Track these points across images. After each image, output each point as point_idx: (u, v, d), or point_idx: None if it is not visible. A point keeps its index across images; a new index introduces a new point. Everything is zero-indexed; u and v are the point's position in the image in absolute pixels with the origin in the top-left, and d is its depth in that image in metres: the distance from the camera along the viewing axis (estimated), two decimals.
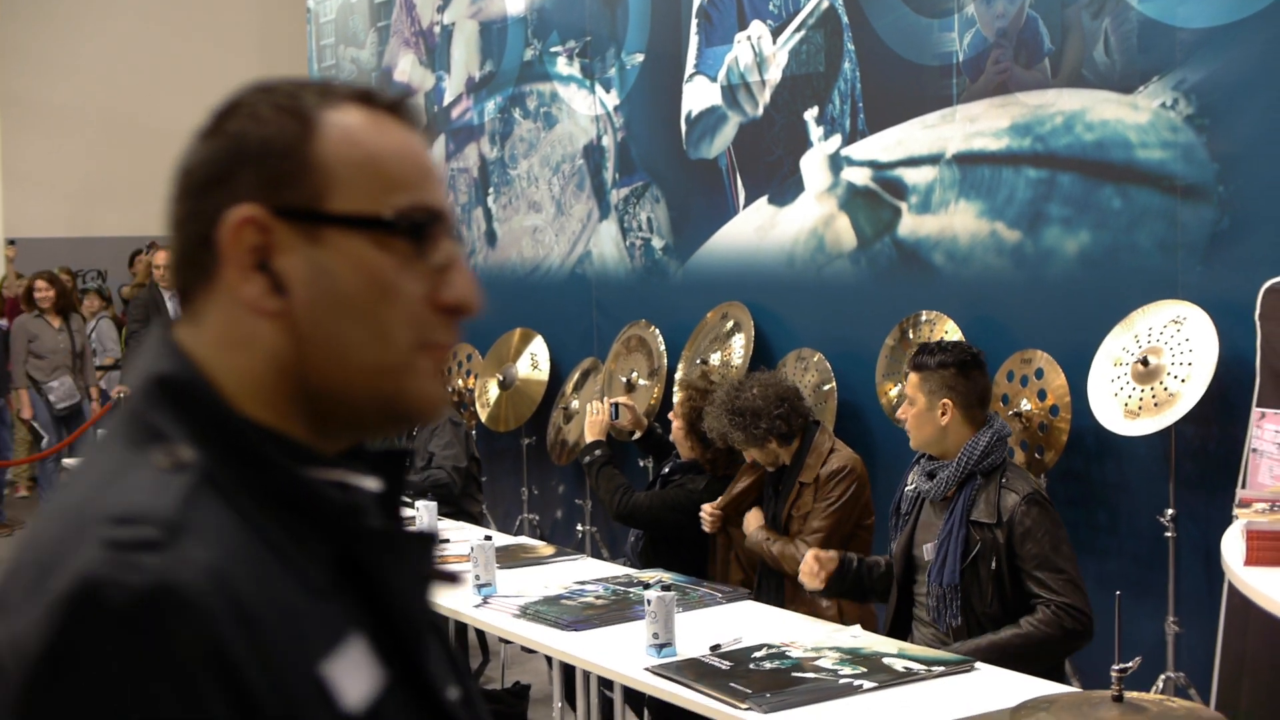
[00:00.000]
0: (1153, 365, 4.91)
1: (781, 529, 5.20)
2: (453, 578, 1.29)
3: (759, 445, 5.24)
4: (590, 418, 6.28)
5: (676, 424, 5.75)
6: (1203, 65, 5.02)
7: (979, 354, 4.48)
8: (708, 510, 5.47)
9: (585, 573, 5.24)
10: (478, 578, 4.95)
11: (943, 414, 4.34)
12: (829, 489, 5.10)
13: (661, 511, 5.72)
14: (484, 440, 8.22)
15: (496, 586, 4.92)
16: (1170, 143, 5.12)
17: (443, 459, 6.85)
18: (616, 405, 6.37)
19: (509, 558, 5.48)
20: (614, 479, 5.90)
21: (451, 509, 6.73)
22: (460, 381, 8.63)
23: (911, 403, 4.42)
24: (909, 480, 4.51)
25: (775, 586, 5.21)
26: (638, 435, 6.39)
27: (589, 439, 6.17)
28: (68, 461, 9.66)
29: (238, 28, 16.18)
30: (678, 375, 7.04)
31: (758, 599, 4.93)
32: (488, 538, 5.13)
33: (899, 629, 4.44)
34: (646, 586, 4.61)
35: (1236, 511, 3.94)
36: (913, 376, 4.44)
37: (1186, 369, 4.81)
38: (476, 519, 6.91)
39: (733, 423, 5.24)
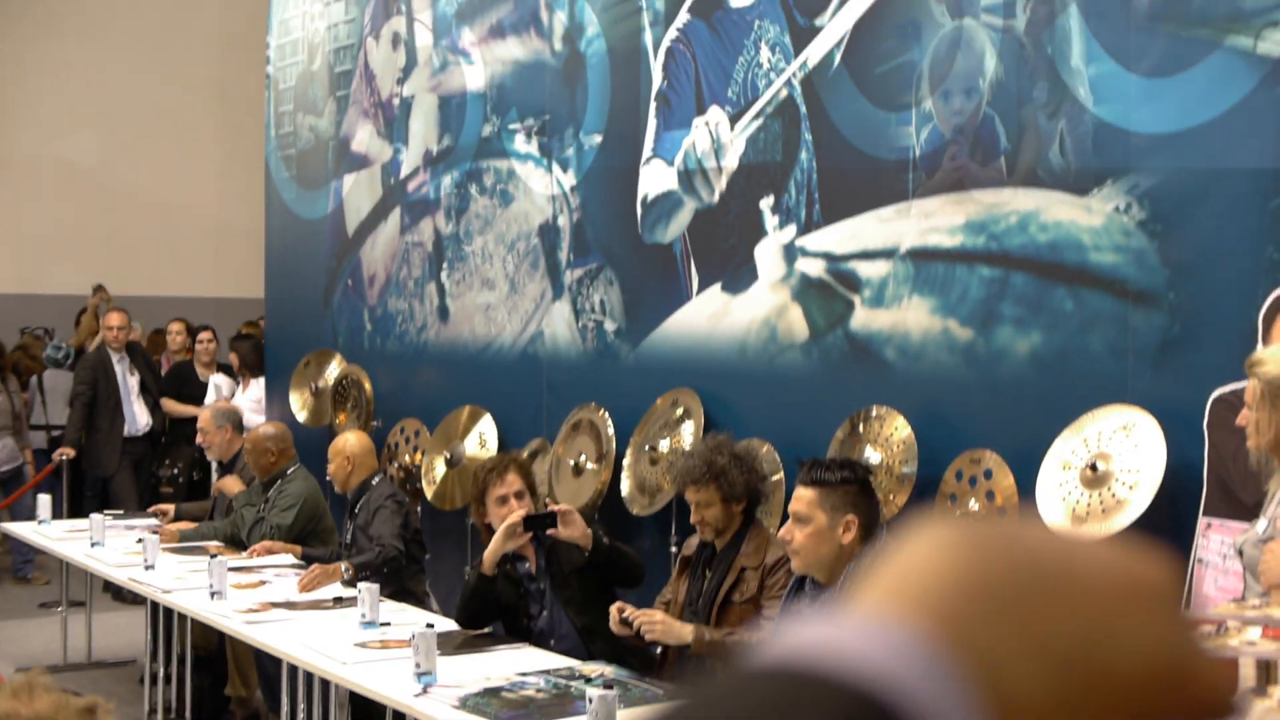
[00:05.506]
0: (1101, 471, 4.90)
1: (711, 612, 5.11)
2: None
3: (735, 501, 5.16)
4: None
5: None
6: (1156, 170, 5.04)
7: (873, 473, 4.45)
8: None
9: (528, 663, 5.18)
10: (418, 665, 4.90)
11: (845, 531, 4.29)
12: (776, 575, 5.05)
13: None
14: (429, 518, 8.15)
15: (437, 675, 4.86)
16: (1123, 246, 5.13)
17: (388, 534, 6.80)
18: (538, 517, 5.64)
19: (449, 643, 5.42)
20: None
21: (394, 588, 6.66)
22: (407, 458, 8.56)
23: (805, 520, 4.34)
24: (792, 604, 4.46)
25: (698, 677, 5.13)
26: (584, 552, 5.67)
27: (490, 549, 5.63)
28: (5, 525, 9.52)
29: (196, 88, 16.16)
30: (625, 461, 7.01)
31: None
32: (430, 625, 5.08)
33: None
34: (588, 681, 4.56)
35: None
36: (807, 493, 4.35)
37: (1135, 476, 4.80)
38: (420, 599, 6.84)
39: (738, 464, 5.16)
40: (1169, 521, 4.89)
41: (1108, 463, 4.89)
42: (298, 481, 7.72)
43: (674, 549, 6.49)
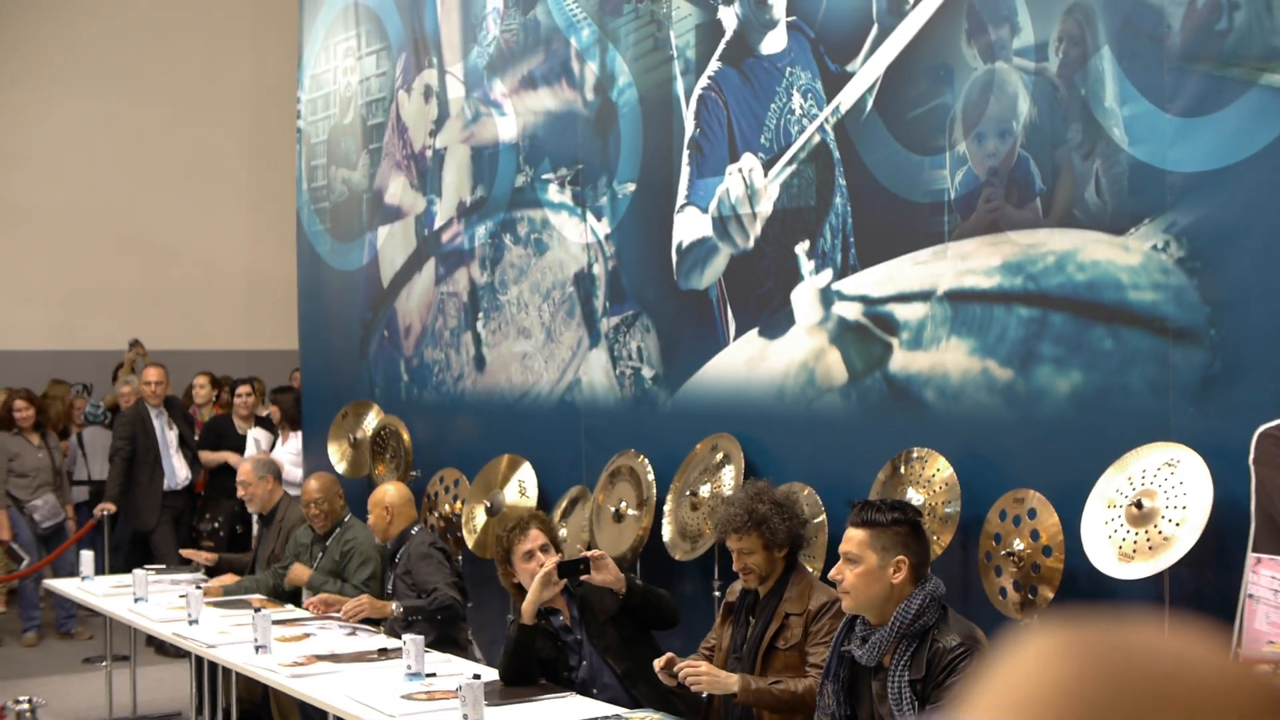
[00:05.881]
0: (1147, 508, 4.90)
1: (756, 659, 5.12)
2: None
3: (778, 547, 5.17)
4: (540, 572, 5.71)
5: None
6: (1194, 209, 5.06)
7: (922, 514, 4.48)
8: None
9: (574, 712, 5.19)
10: (465, 716, 4.92)
11: (895, 572, 4.31)
12: (821, 622, 5.05)
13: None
14: (469, 566, 8.17)
15: None
16: (1162, 285, 5.15)
17: (441, 582, 6.84)
18: (572, 563, 5.64)
19: (495, 694, 5.43)
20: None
21: (436, 635, 6.69)
22: (447, 507, 8.59)
23: (857, 561, 4.36)
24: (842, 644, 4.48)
25: None
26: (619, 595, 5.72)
27: (529, 600, 5.67)
28: (49, 582, 9.57)
29: (228, 144, 16.27)
30: (665, 507, 7.02)
31: None
32: (476, 676, 5.09)
33: None
34: None
35: None
36: (859, 534, 4.38)
37: (1181, 513, 4.80)
38: (463, 647, 6.87)
39: (779, 511, 5.17)
40: (1216, 557, 4.89)
41: (1153, 500, 4.89)
42: (357, 531, 7.77)
43: (716, 593, 6.50)
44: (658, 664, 5.08)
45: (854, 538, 4.38)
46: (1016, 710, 0.66)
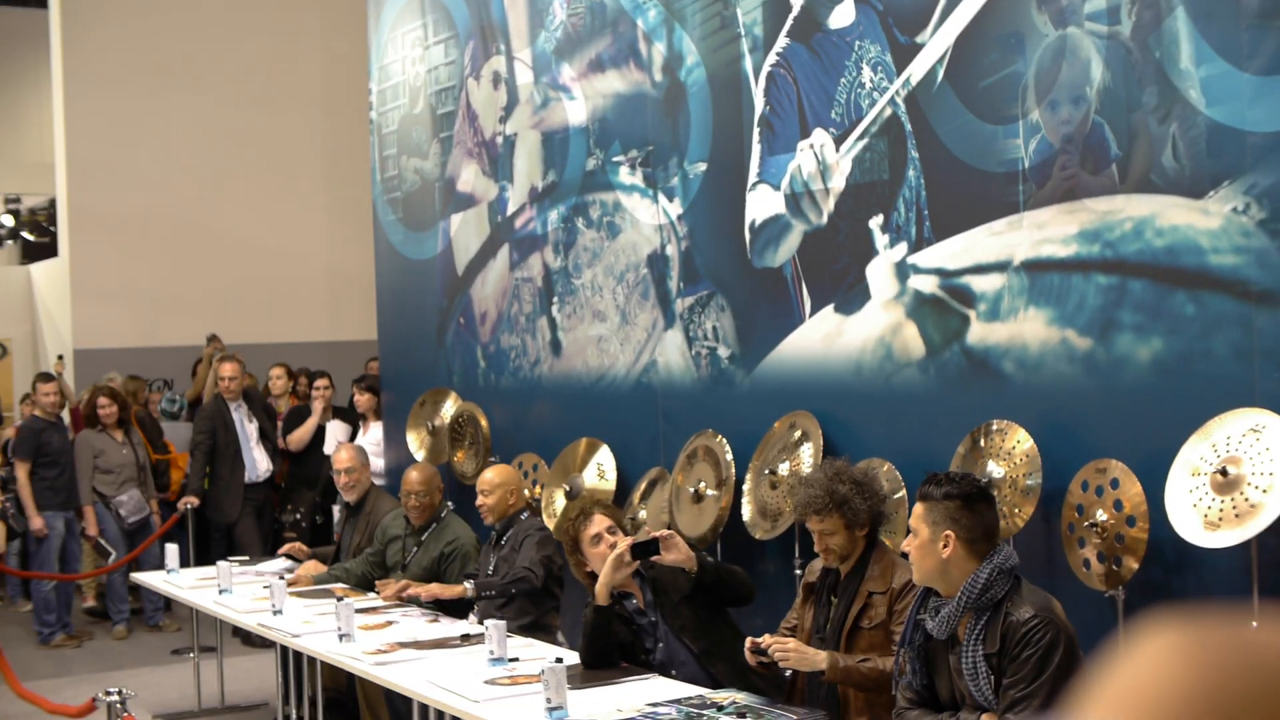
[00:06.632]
0: (1232, 475, 4.82)
1: (840, 639, 5.07)
2: None
3: (859, 527, 5.13)
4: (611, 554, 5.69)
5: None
6: (1274, 169, 4.96)
7: (987, 486, 4.42)
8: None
9: (657, 693, 5.17)
10: (549, 700, 4.91)
11: (944, 546, 4.26)
12: (905, 599, 5.00)
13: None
14: None
15: (569, 709, 4.87)
16: (1243, 248, 5.06)
17: (530, 560, 6.84)
18: (643, 544, 5.62)
19: (577, 677, 5.42)
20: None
21: (530, 620, 6.70)
22: (526, 492, 8.60)
23: (915, 534, 4.34)
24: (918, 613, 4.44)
25: (829, 701, 5.10)
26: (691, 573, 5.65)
27: (601, 581, 5.67)
28: (136, 575, 9.67)
29: (301, 137, 16.35)
30: (745, 486, 6.98)
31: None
32: (559, 660, 5.09)
33: None
34: (720, 709, 4.54)
35: None
36: (918, 507, 4.36)
37: (1268, 479, 4.71)
38: (552, 632, 6.85)
39: (859, 491, 5.12)
40: None
41: (1238, 467, 4.81)
42: (457, 528, 7.77)
43: (797, 572, 6.47)
44: (748, 642, 5.06)
45: (915, 511, 4.37)
46: (1136, 713, 0.64)
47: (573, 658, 5.78)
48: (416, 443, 9.82)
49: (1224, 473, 4.84)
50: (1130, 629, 5.30)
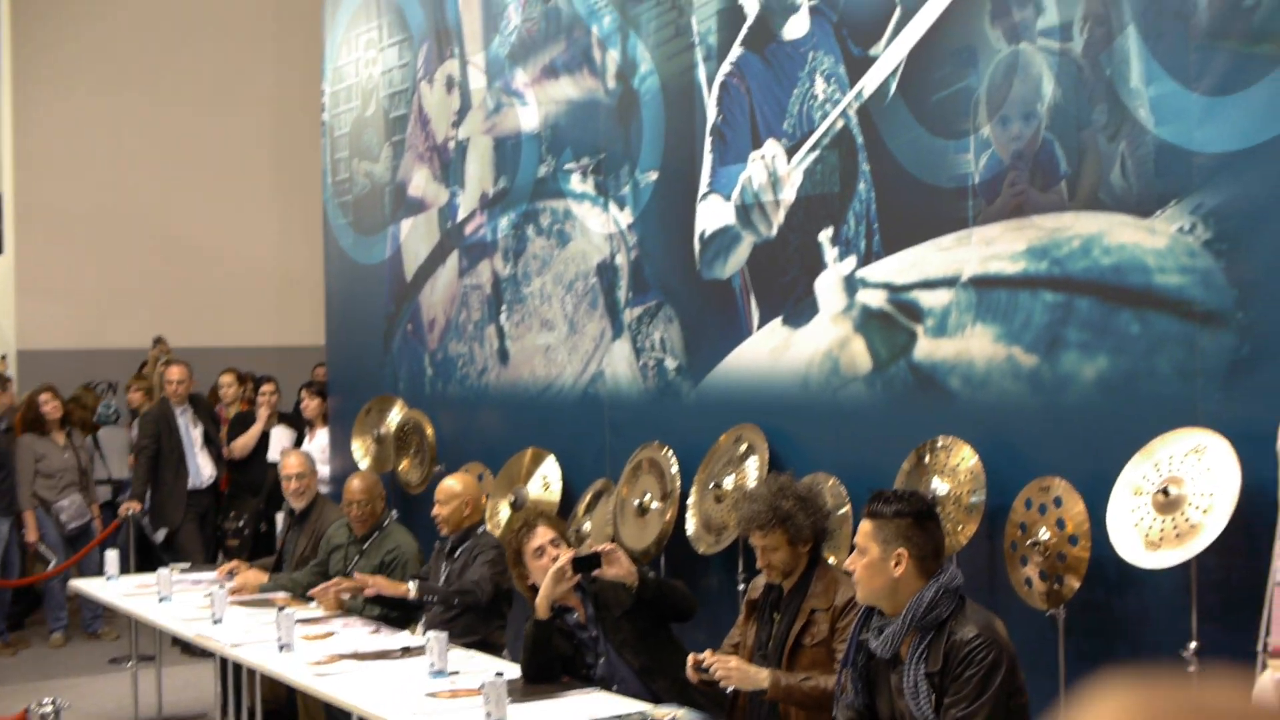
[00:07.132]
0: (1174, 495, 4.80)
1: (782, 656, 5.04)
2: None
3: (804, 542, 5.09)
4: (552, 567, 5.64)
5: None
6: (1221, 190, 4.96)
7: (934, 505, 4.39)
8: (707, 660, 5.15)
9: (598, 708, 5.13)
10: (489, 714, 4.88)
11: (896, 564, 4.23)
12: (848, 617, 4.96)
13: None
14: None
15: None
16: (1188, 268, 5.05)
17: (482, 576, 6.76)
18: (584, 558, 5.58)
19: (518, 691, 5.37)
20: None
21: (476, 639, 6.63)
22: None
23: (863, 552, 4.30)
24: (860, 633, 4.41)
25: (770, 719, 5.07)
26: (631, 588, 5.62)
27: (541, 595, 5.60)
28: (74, 583, 9.54)
29: (253, 138, 16.24)
30: (689, 499, 6.95)
31: None
32: (499, 673, 5.04)
33: None
34: None
35: (1269, 663, 3.82)
36: (865, 524, 4.32)
37: (1208, 499, 4.70)
38: (498, 650, 6.76)
39: (803, 506, 5.08)
40: (1244, 544, 4.80)
41: (1180, 487, 4.80)
42: (399, 537, 7.67)
43: (741, 587, 6.43)
44: (690, 659, 5.01)
45: (862, 529, 4.32)
46: None
47: (514, 671, 5.73)
48: (362, 450, 9.75)
49: (1165, 492, 4.83)
50: (1070, 648, 5.29)
